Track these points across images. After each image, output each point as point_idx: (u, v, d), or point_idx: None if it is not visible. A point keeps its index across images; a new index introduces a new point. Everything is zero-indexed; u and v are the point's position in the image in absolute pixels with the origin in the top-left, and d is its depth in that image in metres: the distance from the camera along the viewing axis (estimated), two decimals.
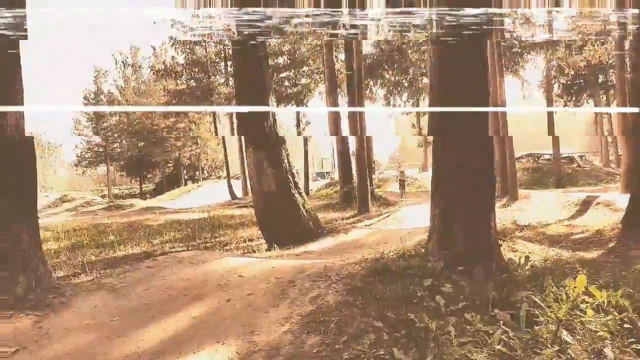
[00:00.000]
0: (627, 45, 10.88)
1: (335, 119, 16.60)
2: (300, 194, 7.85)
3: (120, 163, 45.70)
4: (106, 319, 3.55)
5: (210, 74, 29.86)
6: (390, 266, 3.97)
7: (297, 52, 23.85)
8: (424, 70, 24.61)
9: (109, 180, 46.11)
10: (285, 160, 7.55)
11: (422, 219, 8.57)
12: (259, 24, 7.14)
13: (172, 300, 3.70)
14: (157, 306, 3.72)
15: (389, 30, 20.07)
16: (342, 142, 16.48)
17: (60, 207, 25.62)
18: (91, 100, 44.59)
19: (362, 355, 2.63)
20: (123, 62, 47.02)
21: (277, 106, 25.46)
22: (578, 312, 2.77)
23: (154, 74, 33.33)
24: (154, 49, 39.41)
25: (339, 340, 2.82)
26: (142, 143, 42.93)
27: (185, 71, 30.43)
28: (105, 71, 45.36)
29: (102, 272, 5.17)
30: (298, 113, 26.82)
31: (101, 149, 44.01)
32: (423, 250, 4.43)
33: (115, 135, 44.71)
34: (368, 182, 13.82)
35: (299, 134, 27.82)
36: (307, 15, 16.06)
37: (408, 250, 4.51)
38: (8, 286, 3.99)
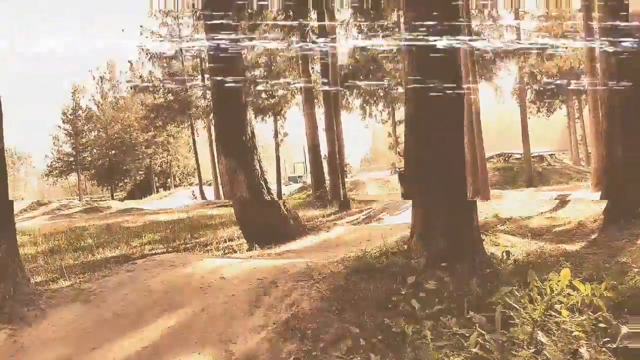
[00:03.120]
0: (596, 50, 11.26)
1: (312, 129, 16.72)
2: (272, 199, 7.87)
3: (91, 172, 44.84)
4: (83, 330, 3.42)
5: (188, 88, 29.86)
6: (373, 264, 3.95)
7: (274, 64, 24.14)
8: (398, 80, 25.08)
9: (80, 189, 45.03)
10: (257, 166, 7.55)
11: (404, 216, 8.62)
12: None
13: (152, 305, 3.58)
14: (135, 313, 3.61)
15: (358, 34, 20.40)
16: (314, 147, 16.67)
17: (36, 210, 24.77)
18: (69, 116, 43.81)
19: None
20: (100, 77, 46.40)
21: (255, 118, 25.56)
22: (553, 313, 2.81)
23: (131, 88, 33.14)
24: (131, 63, 39.13)
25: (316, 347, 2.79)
26: (113, 151, 42.30)
27: (163, 85, 30.34)
28: (83, 87, 44.76)
29: (81, 276, 4.99)
30: (276, 124, 26.94)
31: (71, 159, 43.05)
32: (406, 247, 4.42)
33: (95, 150, 43.96)
34: (340, 186, 14.00)
35: (277, 145, 27.92)
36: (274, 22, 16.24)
37: (390, 247, 4.50)
38: None
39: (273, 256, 5.90)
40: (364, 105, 29.18)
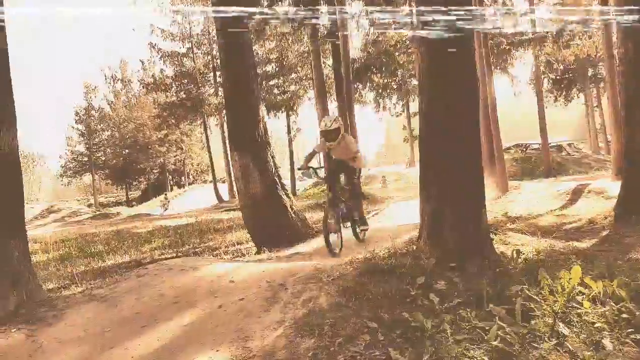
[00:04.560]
0: (614, 37, 11.02)
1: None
2: (287, 195, 7.83)
3: (105, 171, 45.42)
4: (99, 330, 3.47)
5: (200, 85, 30.00)
6: (382, 265, 3.92)
7: (285, 59, 24.04)
8: (412, 72, 24.84)
9: (95, 189, 45.67)
10: (271, 162, 7.52)
11: (412, 215, 8.58)
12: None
13: (164, 308, 3.62)
14: (150, 315, 3.65)
15: (370, 27, 20.20)
16: None
17: (47, 217, 25.25)
18: (82, 116, 44.58)
19: (358, 357, 2.59)
20: (112, 76, 47.04)
21: (268, 114, 25.53)
22: (574, 304, 2.76)
23: (143, 87, 33.47)
24: (143, 63, 39.74)
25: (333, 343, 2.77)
26: (127, 151, 42.78)
27: (175, 83, 30.57)
28: (95, 87, 45.38)
29: (93, 282, 5.07)
30: (289, 119, 26.77)
31: (85, 159, 43.68)
32: (414, 247, 4.39)
33: (109, 150, 44.62)
34: None
35: (290, 140, 27.77)
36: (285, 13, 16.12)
37: (399, 248, 4.48)
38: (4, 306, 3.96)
39: (281, 259, 5.91)
40: (378, 98, 28.88)
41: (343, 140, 6.11)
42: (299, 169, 6.62)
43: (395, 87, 28.96)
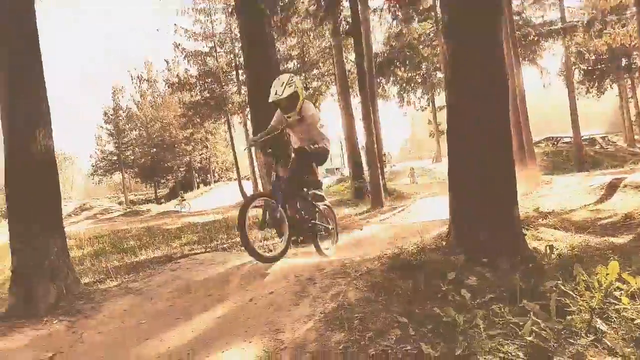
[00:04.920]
0: None
1: (348, 119, 16.44)
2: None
3: (134, 170, 46.59)
4: (135, 322, 3.60)
5: (223, 84, 30.35)
6: (411, 260, 3.90)
7: (307, 55, 23.97)
8: (437, 65, 24.38)
9: (124, 187, 46.88)
10: None
11: (439, 211, 8.48)
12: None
13: (197, 301, 3.71)
14: (183, 308, 3.75)
15: (393, 20, 19.98)
16: (351, 137, 16.39)
17: (80, 215, 26.06)
18: (110, 116, 45.92)
19: (389, 351, 2.59)
20: (139, 77, 48.25)
21: None
22: (612, 300, 2.69)
23: (168, 87, 34.17)
24: (167, 62, 40.62)
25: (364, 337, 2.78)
26: (154, 149, 43.71)
27: (199, 82, 31.03)
28: (122, 87, 46.67)
29: (127, 276, 5.22)
30: None
31: (115, 158, 44.90)
32: (444, 243, 4.34)
33: (137, 149, 45.82)
34: (380, 176, 13.73)
35: None
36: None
37: (428, 243, 4.44)
38: (40, 296, 4.17)
39: (308, 255, 5.94)
40: (401, 92, 28.45)
41: (304, 113, 4.78)
42: (250, 146, 5.26)
43: (419, 80, 28.48)
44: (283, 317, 3.27)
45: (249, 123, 31.20)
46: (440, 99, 31.98)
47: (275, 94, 4.68)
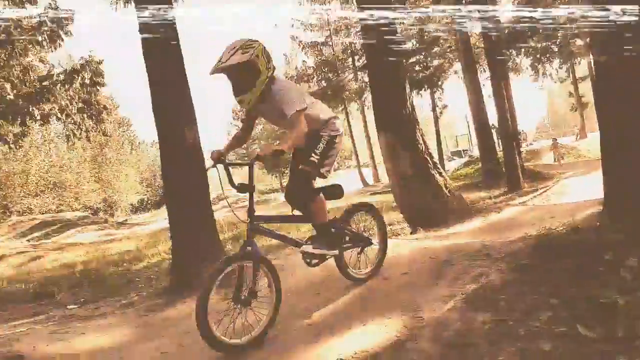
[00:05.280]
0: None
1: (476, 96, 15.39)
2: (440, 174, 7.57)
3: (260, 162, 49.90)
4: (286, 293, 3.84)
5: (339, 72, 30.61)
6: (561, 241, 3.60)
7: (427, 33, 22.62)
8: (575, 31, 21.41)
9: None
10: (421, 141, 7.34)
11: (587, 192, 7.65)
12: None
13: (335, 279, 3.87)
14: (321, 283, 3.96)
15: None
16: (479, 116, 15.28)
17: (217, 204, 28.72)
18: (238, 113, 49.73)
19: (541, 332, 2.44)
20: None
21: (410, 92, 24.55)
22: None
23: (288, 79, 35.64)
24: (286, 56, 42.52)
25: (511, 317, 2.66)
26: (277, 142, 46.28)
27: (316, 73, 31.70)
28: None
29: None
30: (433, 96, 25.41)
31: (243, 151, 48.64)
32: (598, 223, 3.93)
33: (262, 142, 49.10)
34: (517, 156, 12.63)
35: (436, 118, 26.32)
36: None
37: (579, 223, 4.05)
38: (194, 274, 4.80)
39: (441, 238, 5.79)
40: (535, 64, 25.63)
41: (272, 90, 3.20)
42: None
43: (555, 50, 25.26)
44: (419, 297, 3.27)
45: (365, 109, 31.28)
46: (581, 68, 28.42)
47: (221, 62, 2.96)
